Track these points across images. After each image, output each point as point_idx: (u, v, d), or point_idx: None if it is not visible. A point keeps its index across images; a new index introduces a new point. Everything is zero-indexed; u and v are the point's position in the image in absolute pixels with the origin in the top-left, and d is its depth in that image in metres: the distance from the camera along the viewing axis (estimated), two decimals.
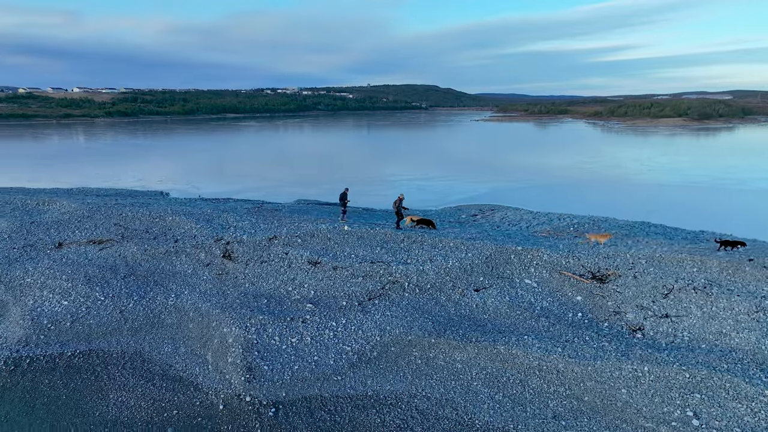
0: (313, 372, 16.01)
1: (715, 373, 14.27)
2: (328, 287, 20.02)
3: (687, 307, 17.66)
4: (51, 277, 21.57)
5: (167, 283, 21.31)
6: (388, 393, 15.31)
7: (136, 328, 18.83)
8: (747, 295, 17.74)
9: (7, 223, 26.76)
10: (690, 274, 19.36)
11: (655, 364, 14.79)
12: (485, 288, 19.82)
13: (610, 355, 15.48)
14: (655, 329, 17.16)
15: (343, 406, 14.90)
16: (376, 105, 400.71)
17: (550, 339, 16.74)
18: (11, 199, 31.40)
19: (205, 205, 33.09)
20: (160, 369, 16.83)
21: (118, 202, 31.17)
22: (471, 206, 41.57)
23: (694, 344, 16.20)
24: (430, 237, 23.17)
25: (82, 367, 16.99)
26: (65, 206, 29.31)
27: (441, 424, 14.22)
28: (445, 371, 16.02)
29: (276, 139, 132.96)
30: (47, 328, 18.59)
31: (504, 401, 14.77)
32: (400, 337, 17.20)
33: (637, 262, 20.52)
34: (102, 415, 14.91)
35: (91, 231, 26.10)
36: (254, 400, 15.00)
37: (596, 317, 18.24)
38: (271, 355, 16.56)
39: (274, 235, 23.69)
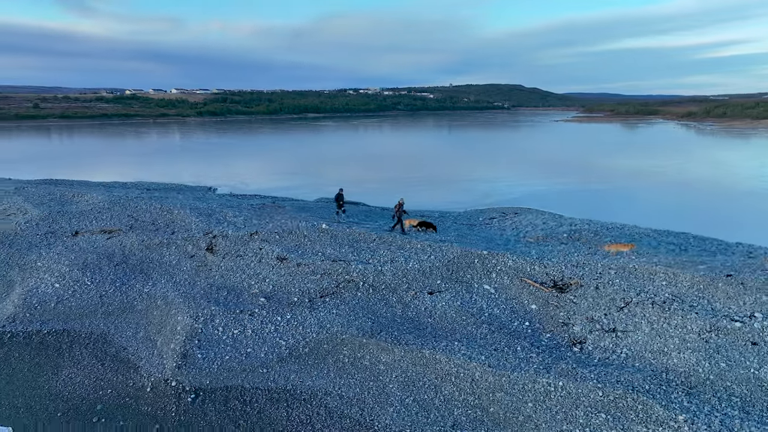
0: (241, 363, 16.66)
1: (631, 393, 13.33)
2: (287, 283, 20.62)
3: (638, 323, 16.51)
4: (55, 262, 23.81)
5: (151, 272, 22.86)
6: (305, 389, 15.64)
7: (109, 312, 20.42)
8: (707, 313, 16.29)
9: (39, 211, 29.75)
10: (656, 288, 18.03)
11: (572, 380, 14.04)
12: (439, 292, 19.56)
13: (531, 368, 14.86)
14: (596, 343, 16.21)
15: (258, 398, 15.41)
16: (456, 105, 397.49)
17: (480, 346, 16.32)
18: (54, 190, 34.79)
19: (220, 200, 34.86)
20: (114, 351, 18.19)
21: (140, 196, 33.59)
22: (496, 209, 40.60)
23: (628, 362, 15.16)
24: (399, 239, 23.13)
25: (51, 344, 18.72)
26: (93, 198, 32.07)
27: (342, 423, 14.35)
28: (367, 372, 16.09)
29: (348, 139, 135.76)
30: (34, 308, 20.62)
31: (412, 406, 14.63)
32: (335, 335, 17.45)
33: (606, 273, 19.37)
34: (50, 389, 16.41)
35: (107, 221, 28.42)
36: (178, 386, 15.88)
37: (542, 327, 17.50)
38: (208, 345, 17.41)
39: (256, 231, 24.66)
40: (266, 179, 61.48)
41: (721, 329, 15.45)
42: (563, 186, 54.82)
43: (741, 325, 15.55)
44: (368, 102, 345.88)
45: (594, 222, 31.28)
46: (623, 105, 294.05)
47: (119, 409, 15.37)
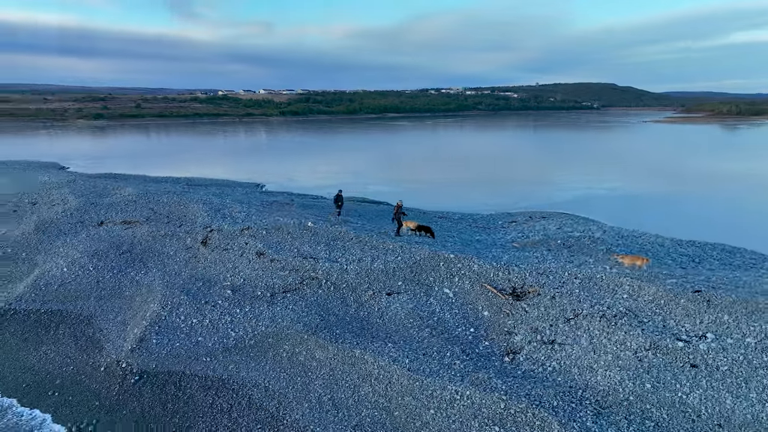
0: (188, 351, 17.60)
1: (534, 408, 12.76)
2: (257, 277, 21.41)
3: (579, 336, 15.64)
4: (72, 248, 26.18)
5: (149, 262, 24.55)
6: (238, 379, 16.29)
7: (101, 296, 22.21)
8: (654, 330, 15.14)
9: (77, 202, 32.73)
10: (615, 300, 16.94)
11: (480, 390, 13.63)
12: (398, 293, 19.52)
13: (447, 375, 14.58)
14: (530, 355, 15.54)
15: (192, 385, 16.25)
16: (540, 105, 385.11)
17: (411, 350, 16.20)
18: (99, 183, 38.04)
19: (247, 196, 36.49)
20: (92, 332, 19.81)
21: (171, 190, 35.90)
22: (526, 212, 39.32)
23: (552, 375, 14.43)
24: (373, 239, 23.20)
25: (43, 323, 20.69)
26: (126, 192, 34.75)
27: (257, 414, 14.85)
28: (299, 367, 16.47)
29: (418, 138, 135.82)
30: (39, 289, 22.84)
31: (326, 403, 14.84)
32: (282, 330, 17.97)
33: (569, 282, 18.43)
34: (25, 363, 18.21)
35: (130, 213, 30.76)
36: (127, 367, 17.08)
37: (486, 335, 17.01)
38: (166, 331, 18.53)
39: (248, 226, 25.72)
40: (319, 177, 63.15)
41: (661, 348, 14.32)
42: (623, 190, 51.75)
43: (684, 345, 14.33)
44: (449, 102, 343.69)
45: (620, 229, 29.58)
46: (725, 104, 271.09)
47: (73, 385, 16.79)
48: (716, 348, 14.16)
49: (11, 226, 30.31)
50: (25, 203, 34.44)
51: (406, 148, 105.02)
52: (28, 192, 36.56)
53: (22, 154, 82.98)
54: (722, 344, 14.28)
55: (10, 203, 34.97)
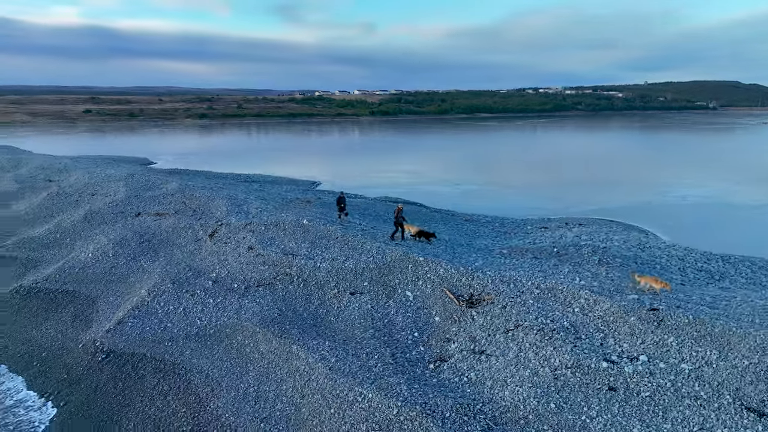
0: (155, 335, 18.92)
1: (423, 417, 12.49)
2: (239, 270, 22.43)
3: (509, 348, 14.94)
4: (104, 236, 28.85)
5: (161, 251, 26.51)
6: (187, 364, 17.30)
7: (110, 280, 24.35)
8: (588, 347, 14.12)
9: (125, 195, 35.90)
10: (563, 314, 15.94)
11: (383, 394, 13.52)
12: (360, 293, 19.65)
13: (362, 376, 14.57)
14: (456, 363, 15.09)
15: (146, 366, 17.50)
16: (647, 105, 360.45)
17: (344, 349, 16.34)
18: (151, 178, 41.35)
19: (281, 193, 38.01)
20: (90, 312, 21.82)
21: (210, 185, 38.22)
22: (565, 219, 37.48)
23: (464, 386, 13.95)
24: (357, 239, 23.33)
25: (55, 301, 23.06)
26: (169, 186, 37.52)
27: (188, 398, 15.73)
28: (242, 358, 17.18)
29: (503, 139, 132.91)
30: (64, 271, 25.46)
31: (250, 394, 15.41)
32: (240, 322, 18.79)
33: (528, 291, 17.56)
34: (27, 337, 20.42)
35: (164, 206, 33.25)
36: (100, 346, 18.68)
37: (426, 340, 16.72)
38: (143, 315, 20.02)
39: (251, 221, 26.91)
40: (380, 176, 64.01)
41: (583, 367, 13.35)
42: (718, 198, 47.45)
43: (609, 366, 13.25)
44: (545, 102, 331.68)
45: (666, 243, 27.55)
46: None
47: (53, 358, 18.69)
48: (643, 372, 12.97)
49: (67, 215, 33.90)
50: (86, 194, 38.32)
51: (484, 149, 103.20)
52: (93, 184, 40.60)
53: (121, 151, 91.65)
54: (652, 368, 13.04)
55: (75, 194, 39.06)
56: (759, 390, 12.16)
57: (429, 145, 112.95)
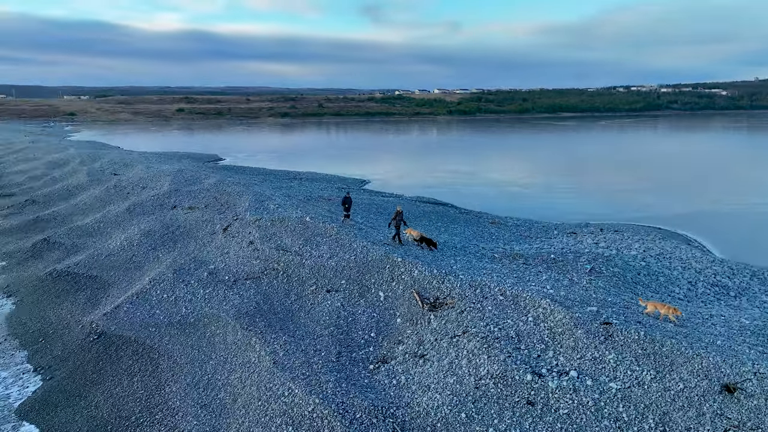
0: (143, 320, 20.22)
1: (334, 417, 12.58)
2: (235, 263, 23.39)
3: (448, 354, 14.60)
4: (137, 227, 31.06)
5: (178, 242, 28.16)
6: (162, 349, 18.37)
7: (127, 267, 26.20)
8: (522, 358, 13.54)
9: (168, 189, 38.33)
10: (516, 322, 15.32)
11: (307, 391, 13.72)
12: (336, 291, 19.91)
13: (299, 372, 14.85)
14: (394, 366, 14.97)
15: (127, 348, 18.76)
16: (755, 104, 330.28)
17: (297, 344, 16.70)
18: (198, 173, 43.79)
19: (308, 189, 39.01)
20: (101, 295, 23.62)
21: (245, 181, 39.86)
22: (603, 224, 35.66)
23: (390, 389, 13.84)
24: (348, 237, 23.50)
25: (77, 284, 25.09)
26: (208, 181, 39.58)
27: (150, 381, 16.71)
28: (210, 347, 17.99)
29: (577, 140, 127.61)
30: (93, 257, 27.68)
31: (200, 382, 16.13)
32: (219, 313, 19.67)
33: (492, 297, 17.00)
34: (44, 315, 22.45)
35: (198, 200, 35.18)
36: (95, 327, 20.23)
37: (379, 341, 16.70)
38: (139, 302, 21.43)
39: (260, 217, 27.88)
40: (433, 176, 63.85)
41: (508, 379, 12.81)
42: None
43: (534, 379, 12.63)
44: (635, 100, 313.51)
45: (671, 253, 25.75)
46: None
47: (56, 336, 20.49)
48: (567, 388, 12.24)
49: (114, 206, 36.78)
50: (137, 188, 41.32)
51: (554, 150, 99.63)
52: (146, 178, 43.68)
53: (197, 147, 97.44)
54: (578, 385, 12.28)
55: (129, 187, 42.23)
56: (687, 416, 11.15)
57: (496, 145, 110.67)
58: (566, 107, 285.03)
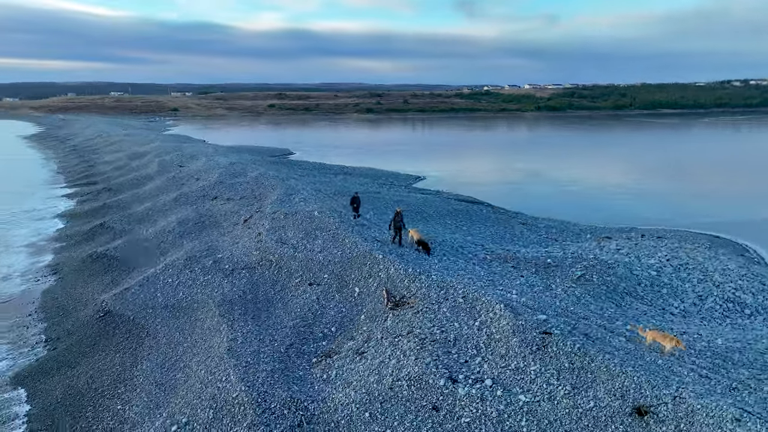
0: (144, 302, 21.69)
1: (244, 405, 13.00)
2: (238, 253, 24.44)
3: (383, 353, 14.51)
4: (175, 215, 33.29)
5: (203, 231, 29.85)
6: (150, 329, 19.67)
7: (155, 253, 28.14)
8: (447, 363, 13.19)
9: (214, 181, 40.59)
10: (461, 325, 14.89)
11: (235, 380, 14.24)
12: (318, 284, 20.33)
13: (243, 361, 15.41)
14: (334, 361, 15.11)
15: (123, 325, 20.28)
16: None
17: (258, 334, 17.30)
18: (243, 166, 45.89)
19: (331, 184, 39.70)
20: (123, 277, 25.64)
21: (281, 175, 41.23)
22: (645, 229, 33.39)
23: (318, 383, 14.03)
24: (345, 233, 23.68)
25: (109, 267, 27.26)
26: (252, 174, 41.41)
27: (128, 357, 18.04)
28: (189, 330, 19.06)
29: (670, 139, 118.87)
30: (128, 242, 30.03)
31: (169, 361, 17.19)
32: (207, 299, 20.75)
33: (454, 299, 16.57)
34: (73, 292, 24.70)
35: (236, 192, 36.98)
36: (103, 306, 22.03)
37: (335, 337, 16.90)
38: (146, 284, 23.05)
39: (279, 209, 28.83)
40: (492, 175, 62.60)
41: (422, 383, 12.54)
42: None
43: (446, 384, 12.28)
44: (751, 96, 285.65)
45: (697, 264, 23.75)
46: None
47: (72, 312, 22.55)
48: (475, 396, 11.80)
49: (166, 196, 39.59)
50: (192, 179, 44.13)
51: (637, 149, 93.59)
52: (202, 170, 46.51)
53: (274, 142, 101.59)
54: (487, 394, 11.79)
55: (186, 178, 45.18)
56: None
57: (576, 144, 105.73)
58: (666, 103, 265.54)
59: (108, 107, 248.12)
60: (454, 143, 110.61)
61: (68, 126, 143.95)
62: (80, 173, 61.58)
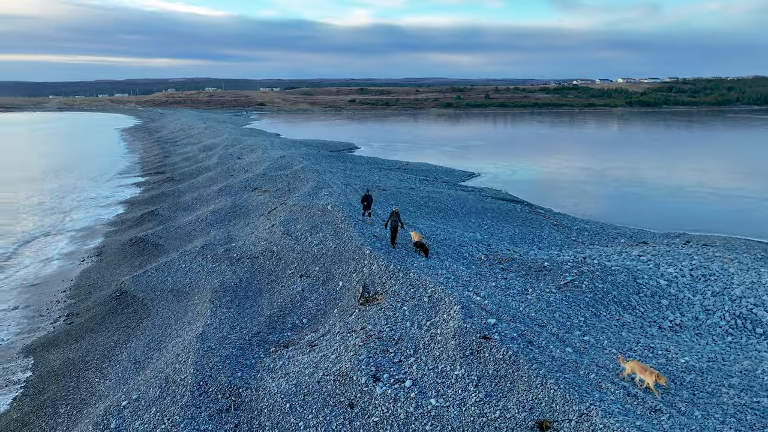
0: (153, 285, 23.09)
1: (185, 382, 13.61)
2: (249, 243, 25.34)
3: (330, 348, 14.58)
4: (214, 205, 35.05)
5: (232, 221, 31.21)
6: (153, 309, 20.97)
7: (184, 239, 29.83)
8: (379, 361, 13.08)
9: (259, 172, 42.17)
10: (410, 325, 14.67)
11: (194, 358, 14.89)
12: (307, 276, 20.73)
13: (205, 344, 16.06)
14: (287, 352, 15.36)
15: (130, 307, 21.72)
16: None
17: (232, 321, 17.96)
18: (290, 159, 47.19)
19: (363, 179, 39.84)
20: (150, 259, 27.36)
21: (319, 168, 41.98)
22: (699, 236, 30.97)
23: (260, 371, 14.34)
24: (348, 227, 23.78)
25: (144, 249, 29.17)
26: (296, 167, 42.56)
27: (124, 335, 19.36)
28: (182, 313, 20.12)
29: None
30: (166, 229, 32.03)
31: (154, 342, 18.22)
32: (206, 285, 21.78)
33: (417, 298, 16.31)
34: (106, 273, 26.90)
35: (276, 184, 38.25)
36: (120, 286, 23.70)
37: (302, 328, 17.17)
38: (162, 269, 24.48)
39: (299, 202, 29.52)
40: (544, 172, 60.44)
41: (348, 378, 12.50)
42: None
43: (367, 381, 12.17)
44: None
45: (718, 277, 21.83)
46: None
47: (97, 290, 24.45)
48: (389, 396, 11.61)
49: (212, 187, 41.70)
50: (241, 171, 46.13)
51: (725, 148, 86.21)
52: (253, 162, 48.50)
53: (342, 136, 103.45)
54: (401, 395, 11.56)
55: (236, 169, 47.29)
56: None
57: (656, 142, 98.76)
58: None
59: (202, 101, 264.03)
60: (526, 139, 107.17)
61: (161, 119, 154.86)
62: (155, 163, 66.15)
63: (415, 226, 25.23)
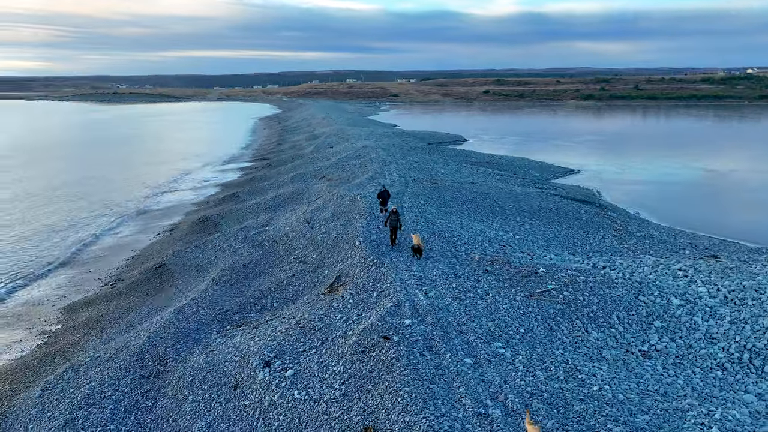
0: (187, 261, 25.19)
1: (146, 356, 14.98)
2: (277, 229, 26.53)
3: (264, 332, 15.03)
4: (280, 190, 37.14)
5: (282, 207, 32.79)
6: (175, 282, 23.11)
7: (237, 219, 32.00)
8: (285, 349, 13.23)
9: (336, 160, 43.64)
10: (342, 319, 14.61)
11: (160, 331, 16.28)
12: (305, 263, 21.40)
13: (175, 323, 17.30)
14: (236, 332, 16.09)
15: (162, 277, 23.99)
16: None
17: (213, 300, 19.16)
18: (367, 150, 47.94)
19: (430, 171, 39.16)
20: (204, 236, 29.89)
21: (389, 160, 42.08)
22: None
23: (207, 346, 15.20)
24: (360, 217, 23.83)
25: (204, 227, 32.06)
26: (369, 156, 43.33)
27: (136, 302, 21.61)
28: (190, 289, 21.85)
29: None
30: (229, 210, 34.63)
31: (152, 311, 20.10)
32: (215, 264, 23.33)
33: (373, 292, 16.16)
34: (168, 244, 30.02)
35: (343, 172, 39.36)
36: (164, 258, 26.21)
37: (267, 311, 17.83)
38: (201, 246, 26.60)
39: (338, 191, 30.17)
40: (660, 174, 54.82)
41: (247, 362, 12.91)
42: None
43: (256, 366, 12.46)
44: None
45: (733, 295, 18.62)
46: None
47: (146, 261, 27.33)
48: (266, 383, 11.80)
49: (287, 175, 44.03)
50: (323, 158, 48.06)
51: None
52: (336, 151, 50.20)
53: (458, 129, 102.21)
54: (274, 384, 11.70)
55: (320, 157, 49.36)
56: None
57: None
58: None
59: (341, 92, 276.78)
60: (656, 135, 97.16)
61: (296, 109, 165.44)
62: (266, 150, 71.25)
63: (432, 222, 24.61)
